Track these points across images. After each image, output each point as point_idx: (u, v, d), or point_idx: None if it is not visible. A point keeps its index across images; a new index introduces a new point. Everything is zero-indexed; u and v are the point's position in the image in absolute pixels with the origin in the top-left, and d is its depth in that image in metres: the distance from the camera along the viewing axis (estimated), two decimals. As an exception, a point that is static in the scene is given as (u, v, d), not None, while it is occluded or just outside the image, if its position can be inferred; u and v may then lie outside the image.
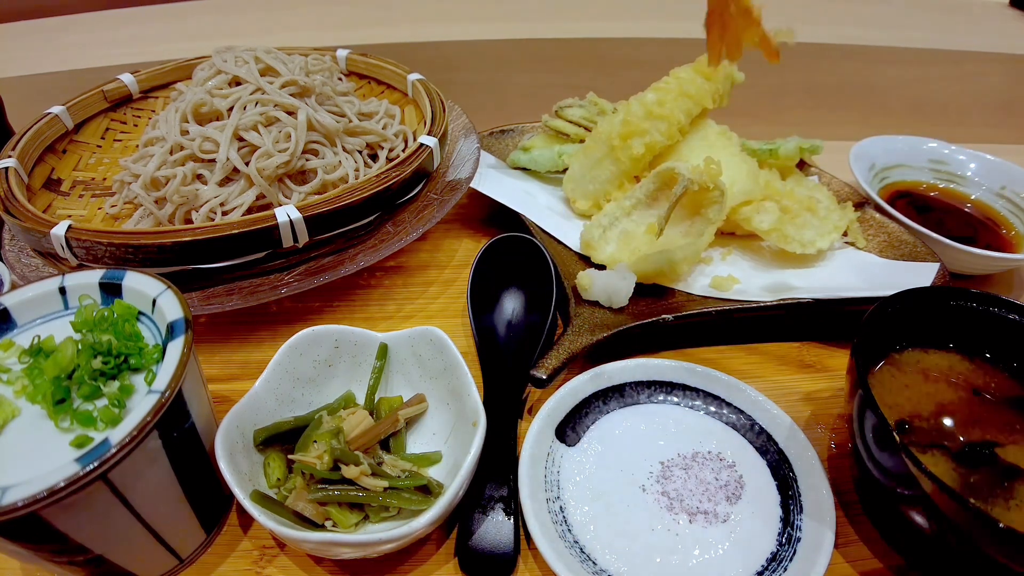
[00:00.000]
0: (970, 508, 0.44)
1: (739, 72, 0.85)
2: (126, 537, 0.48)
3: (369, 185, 0.73)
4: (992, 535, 0.44)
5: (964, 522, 0.46)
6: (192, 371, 0.50)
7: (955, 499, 0.45)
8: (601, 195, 0.87)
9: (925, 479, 0.46)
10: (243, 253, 0.69)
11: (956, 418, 0.56)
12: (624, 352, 0.71)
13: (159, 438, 0.46)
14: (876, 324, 0.58)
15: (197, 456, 0.52)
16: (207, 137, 0.77)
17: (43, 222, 0.68)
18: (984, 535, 0.45)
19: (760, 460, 0.62)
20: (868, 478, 0.55)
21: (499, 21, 1.25)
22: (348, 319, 0.79)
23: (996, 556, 0.46)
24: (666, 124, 0.82)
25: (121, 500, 0.45)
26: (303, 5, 1.40)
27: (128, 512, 0.46)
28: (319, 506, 0.54)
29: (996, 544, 0.45)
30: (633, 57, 1.18)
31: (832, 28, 1.26)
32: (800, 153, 0.90)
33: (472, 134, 0.93)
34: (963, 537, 0.47)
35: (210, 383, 0.71)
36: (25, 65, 1.15)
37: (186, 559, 0.55)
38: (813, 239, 0.79)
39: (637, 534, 0.56)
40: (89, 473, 0.41)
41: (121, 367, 0.50)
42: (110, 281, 0.55)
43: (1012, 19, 1.39)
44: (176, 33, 1.27)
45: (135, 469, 0.45)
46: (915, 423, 0.56)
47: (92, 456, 0.41)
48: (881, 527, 0.59)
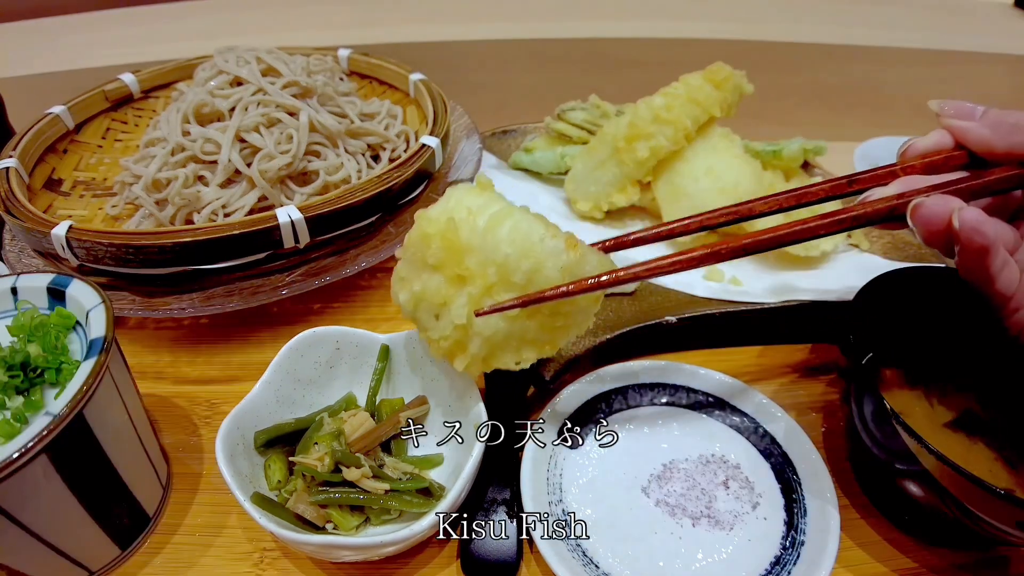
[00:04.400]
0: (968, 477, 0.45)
1: (748, 84, 0.85)
2: (24, 549, 0.48)
3: (370, 186, 0.73)
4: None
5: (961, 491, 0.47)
6: (105, 393, 0.49)
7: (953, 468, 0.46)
8: (603, 197, 0.87)
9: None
10: (244, 254, 0.69)
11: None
12: (627, 354, 0.70)
13: (51, 462, 0.46)
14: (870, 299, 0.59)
15: (105, 477, 0.52)
16: (209, 138, 0.77)
17: (44, 222, 0.68)
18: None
19: (764, 463, 0.62)
20: (863, 450, 0.56)
21: (501, 21, 1.24)
22: (349, 320, 0.78)
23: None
24: (672, 129, 0.82)
25: (8, 517, 0.45)
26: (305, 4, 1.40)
27: (20, 529, 0.46)
28: (320, 508, 0.54)
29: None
30: (635, 57, 1.18)
31: (836, 28, 1.25)
32: (804, 154, 0.90)
33: (474, 135, 0.93)
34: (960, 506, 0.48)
35: (210, 385, 0.71)
36: (26, 65, 1.15)
37: (97, 572, 0.54)
38: (817, 241, 0.78)
39: (640, 537, 0.56)
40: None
41: (35, 381, 0.49)
42: (56, 287, 0.55)
43: (1016, 20, 1.38)
44: (177, 33, 1.27)
45: (22, 489, 0.45)
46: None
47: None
48: (879, 501, 0.60)
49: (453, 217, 0.50)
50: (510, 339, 0.51)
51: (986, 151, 0.50)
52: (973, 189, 0.49)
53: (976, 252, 0.46)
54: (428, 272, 0.52)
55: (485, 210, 0.50)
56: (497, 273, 0.49)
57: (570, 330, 0.53)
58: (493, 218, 0.50)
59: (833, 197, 0.54)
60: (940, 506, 0.51)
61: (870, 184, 0.53)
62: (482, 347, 0.52)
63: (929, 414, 0.57)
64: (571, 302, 0.50)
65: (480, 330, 0.51)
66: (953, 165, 0.52)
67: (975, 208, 0.46)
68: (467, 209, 0.50)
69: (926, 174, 0.51)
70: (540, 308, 0.50)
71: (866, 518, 0.59)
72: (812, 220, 0.50)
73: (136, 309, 0.68)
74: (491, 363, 0.53)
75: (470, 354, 0.52)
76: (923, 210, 0.47)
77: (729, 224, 0.56)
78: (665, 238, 0.56)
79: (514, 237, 0.49)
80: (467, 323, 0.51)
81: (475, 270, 0.50)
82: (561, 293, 0.48)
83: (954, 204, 0.46)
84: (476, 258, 0.50)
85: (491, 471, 0.59)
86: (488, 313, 0.50)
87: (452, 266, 0.51)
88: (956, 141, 0.52)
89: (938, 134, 0.53)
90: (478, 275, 0.50)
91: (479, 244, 0.49)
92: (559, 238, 0.49)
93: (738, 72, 0.84)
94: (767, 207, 0.55)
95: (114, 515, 0.54)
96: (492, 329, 0.51)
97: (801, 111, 1.23)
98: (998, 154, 0.49)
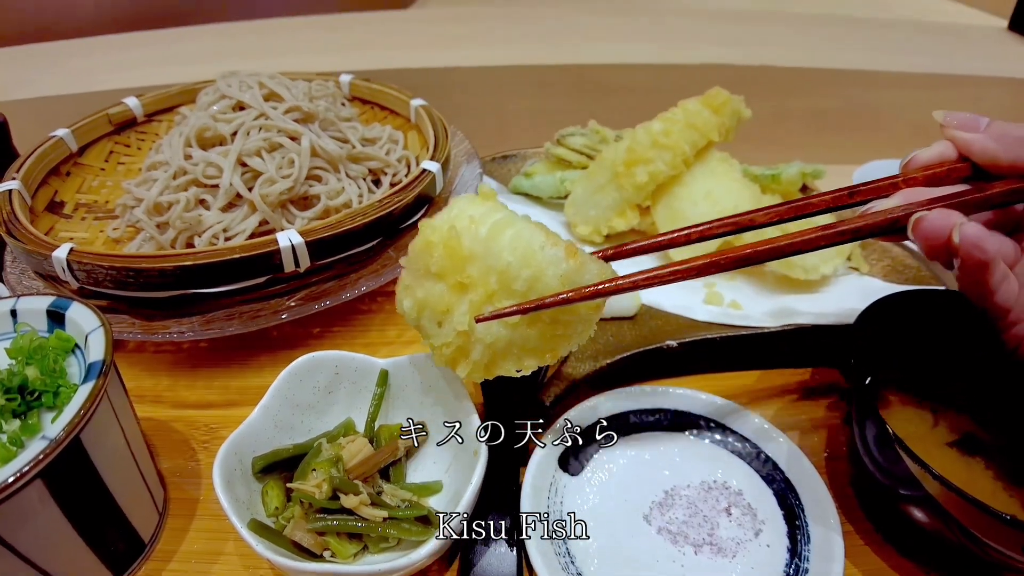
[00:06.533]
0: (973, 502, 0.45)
1: (746, 108, 0.86)
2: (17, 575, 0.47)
3: (371, 210, 0.73)
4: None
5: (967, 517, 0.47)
6: (102, 417, 0.49)
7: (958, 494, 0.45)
8: (603, 221, 0.87)
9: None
10: (244, 278, 0.69)
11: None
12: (628, 379, 0.70)
13: (46, 487, 0.45)
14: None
15: (101, 503, 0.51)
16: (210, 162, 0.77)
17: (45, 244, 0.68)
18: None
19: (766, 489, 0.61)
20: (866, 475, 0.56)
21: (501, 48, 1.26)
22: (349, 345, 0.78)
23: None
24: (671, 154, 0.82)
25: (1, 542, 0.45)
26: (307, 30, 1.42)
27: (13, 555, 0.45)
28: (318, 536, 0.54)
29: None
30: (634, 83, 1.19)
31: (833, 53, 1.27)
32: (803, 178, 0.90)
33: (474, 159, 0.93)
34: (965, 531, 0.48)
35: (209, 409, 0.71)
36: (31, 88, 1.16)
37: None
38: (816, 265, 0.79)
39: (643, 566, 0.55)
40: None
41: (32, 404, 0.49)
42: (56, 309, 0.55)
43: (1011, 43, 1.40)
44: (181, 57, 1.29)
45: (17, 515, 0.44)
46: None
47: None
48: (882, 527, 0.59)
49: (455, 225, 0.51)
50: (511, 346, 0.52)
51: (990, 163, 0.50)
52: (975, 202, 0.49)
53: (975, 267, 0.46)
54: (431, 280, 0.53)
55: (487, 219, 0.51)
56: (498, 281, 0.50)
57: (571, 339, 0.53)
58: (495, 227, 0.50)
59: (834, 208, 0.54)
60: (945, 531, 0.50)
61: (871, 196, 0.53)
62: (484, 354, 0.52)
63: (931, 435, 0.57)
64: (571, 311, 0.51)
65: (482, 337, 0.51)
66: (955, 177, 0.52)
67: (976, 223, 0.46)
68: (469, 218, 0.51)
69: (928, 186, 0.52)
70: (541, 316, 0.51)
71: (870, 544, 0.59)
72: (812, 232, 0.50)
73: (136, 332, 0.68)
74: (493, 370, 0.53)
75: (472, 360, 0.53)
76: (924, 224, 0.47)
77: (729, 235, 0.56)
78: (665, 247, 0.56)
79: (515, 245, 0.50)
80: (469, 330, 0.51)
81: (477, 278, 0.50)
82: (561, 300, 0.49)
83: (955, 219, 0.46)
84: (478, 266, 0.50)
85: (491, 499, 0.58)
86: (488, 319, 0.50)
87: (454, 274, 0.51)
88: (960, 153, 0.52)
89: (941, 146, 0.53)
90: (480, 283, 0.50)
91: (481, 252, 0.50)
92: (559, 246, 0.50)
93: (736, 97, 0.85)
94: (767, 218, 0.55)
95: (109, 541, 0.53)
96: (494, 336, 0.51)
97: (799, 135, 1.24)
98: (1002, 167, 0.49)
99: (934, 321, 0.62)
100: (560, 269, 0.49)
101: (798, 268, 0.79)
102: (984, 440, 0.56)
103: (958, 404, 0.59)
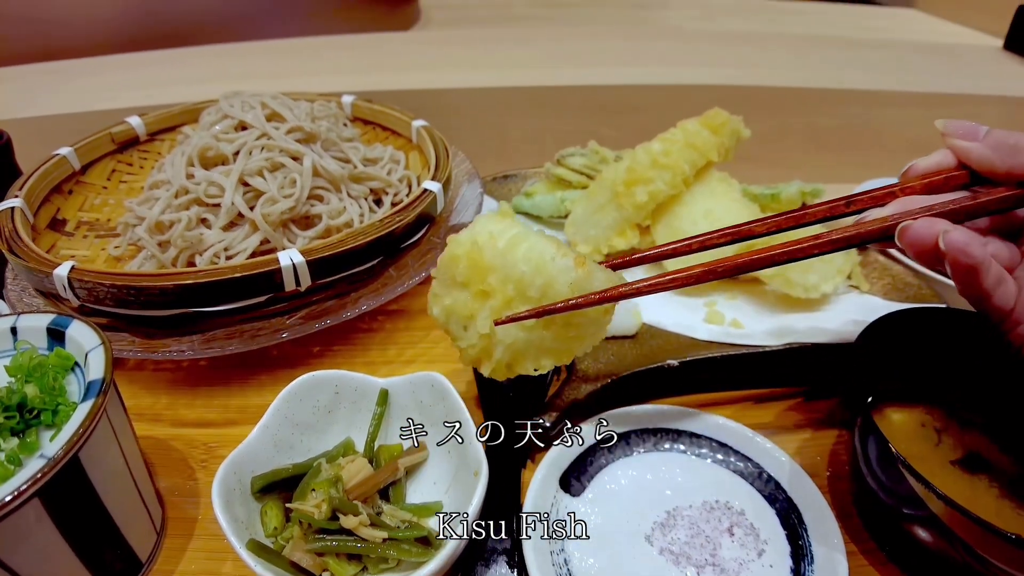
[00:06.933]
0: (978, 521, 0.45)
1: (745, 128, 0.86)
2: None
3: (372, 229, 0.73)
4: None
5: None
6: (101, 436, 0.49)
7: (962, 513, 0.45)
8: (603, 240, 0.87)
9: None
10: (245, 296, 0.69)
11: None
12: (629, 398, 0.70)
13: (43, 505, 0.45)
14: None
15: (98, 522, 0.51)
16: (212, 182, 0.78)
17: (46, 262, 0.68)
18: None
19: (769, 509, 0.61)
20: (869, 494, 0.56)
21: (501, 69, 1.27)
22: (349, 364, 0.78)
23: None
24: (670, 174, 0.83)
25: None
26: (309, 51, 1.44)
27: (9, 574, 0.45)
28: (317, 556, 0.53)
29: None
30: (633, 103, 1.20)
31: (830, 72, 1.28)
32: (802, 197, 0.91)
33: (475, 179, 0.94)
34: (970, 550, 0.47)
35: (208, 428, 0.71)
36: (35, 106, 1.16)
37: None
38: (817, 283, 0.79)
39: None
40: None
41: (31, 423, 0.49)
42: (56, 327, 0.55)
43: (1006, 61, 1.41)
44: (184, 77, 1.30)
45: (13, 533, 0.44)
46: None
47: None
48: (886, 546, 0.59)
49: (477, 240, 0.56)
50: (529, 347, 0.57)
51: (987, 171, 0.51)
52: (969, 210, 0.50)
53: (964, 271, 0.47)
54: (457, 288, 0.58)
55: (505, 233, 0.56)
56: (515, 288, 0.55)
57: (584, 340, 0.58)
58: (511, 240, 0.56)
59: (831, 218, 0.56)
60: (949, 551, 0.50)
61: (868, 205, 0.54)
62: (504, 354, 0.57)
63: (934, 454, 0.57)
64: (582, 314, 0.55)
65: (502, 339, 0.56)
66: (953, 185, 0.53)
67: (962, 229, 0.47)
68: (489, 233, 0.56)
69: (926, 194, 0.52)
70: (554, 320, 0.55)
71: (874, 564, 0.58)
72: (806, 240, 0.52)
73: (136, 351, 0.68)
74: (515, 368, 0.58)
75: (495, 360, 0.58)
76: (910, 232, 0.49)
77: (728, 244, 0.58)
78: (668, 256, 0.59)
79: (529, 256, 0.55)
80: (490, 332, 0.56)
81: (496, 286, 0.56)
82: (571, 305, 0.53)
83: (940, 226, 0.48)
84: (497, 275, 0.55)
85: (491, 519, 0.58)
86: (505, 323, 0.55)
87: (477, 283, 0.56)
88: (959, 161, 0.53)
89: (941, 154, 0.54)
90: (499, 290, 0.56)
91: (500, 263, 0.55)
92: (569, 257, 0.54)
93: (735, 117, 0.86)
94: (766, 228, 0.57)
95: (106, 561, 0.52)
96: (513, 338, 0.56)
97: (798, 154, 1.25)
98: (999, 174, 0.51)
99: (936, 339, 0.62)
100: (570, 277, 0.54)
101: (798, 287, 0.79)
102: (988, 458, 0.56)
103: (961, 422, 0.59)
